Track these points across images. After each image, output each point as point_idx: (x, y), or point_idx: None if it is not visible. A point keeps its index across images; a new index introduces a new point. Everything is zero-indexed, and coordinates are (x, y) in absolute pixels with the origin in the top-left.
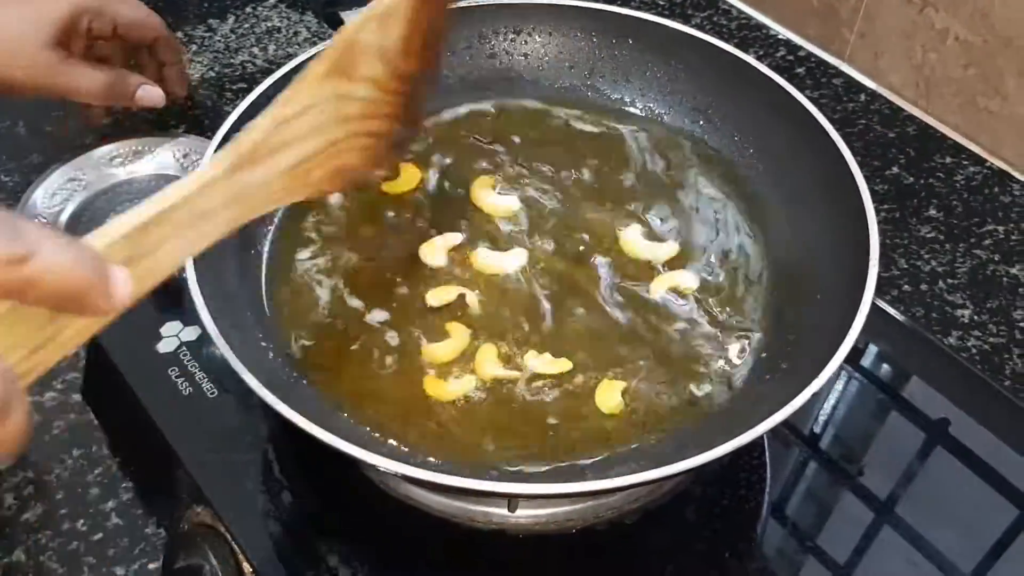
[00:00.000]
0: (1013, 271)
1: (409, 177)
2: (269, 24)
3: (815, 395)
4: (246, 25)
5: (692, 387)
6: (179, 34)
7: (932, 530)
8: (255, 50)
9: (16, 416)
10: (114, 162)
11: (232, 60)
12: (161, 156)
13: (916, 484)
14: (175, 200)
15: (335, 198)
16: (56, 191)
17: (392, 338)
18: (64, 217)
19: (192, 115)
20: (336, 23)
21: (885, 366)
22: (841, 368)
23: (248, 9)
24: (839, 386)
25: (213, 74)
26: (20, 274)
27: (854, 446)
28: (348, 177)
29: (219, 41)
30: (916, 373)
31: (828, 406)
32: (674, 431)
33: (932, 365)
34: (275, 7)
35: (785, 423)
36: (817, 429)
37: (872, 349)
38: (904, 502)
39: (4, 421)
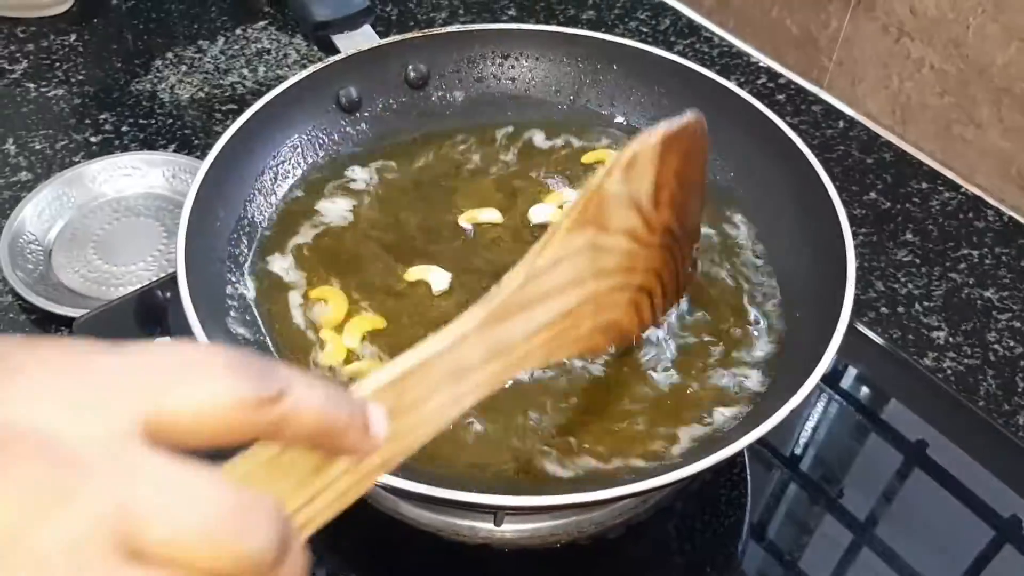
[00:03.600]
0: (987, 294)
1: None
2: (259, 46)
3: (796, 415)
4: (236, 47)
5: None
6: (169, 55)
7: (910, 550)
8: (245, 71)
9: (294, 563)
10: (103, 180)
11: (222, 81)
12: (150, 175)
13: (894, 505)
14: (431, 354)
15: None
16: (45, 208)
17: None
18: (52, 235)
19: (181, 135)
20: (326, 46)
21: (863, 387)
22: (820, 389)
23: (238, 31)
24: (819, 407)
25: (203, 95)
26: (275, 413)
27: (833, 467)
28: (618, 334)
29: (209, 62)
30: (894, 395)
31: (808, 426)
32: None
33: (909, 387)
34: (265, 29)
35: (765, 443)
36: (797, 449)
37: (851, 371)
38: (883, 523)
39: (281, 568)
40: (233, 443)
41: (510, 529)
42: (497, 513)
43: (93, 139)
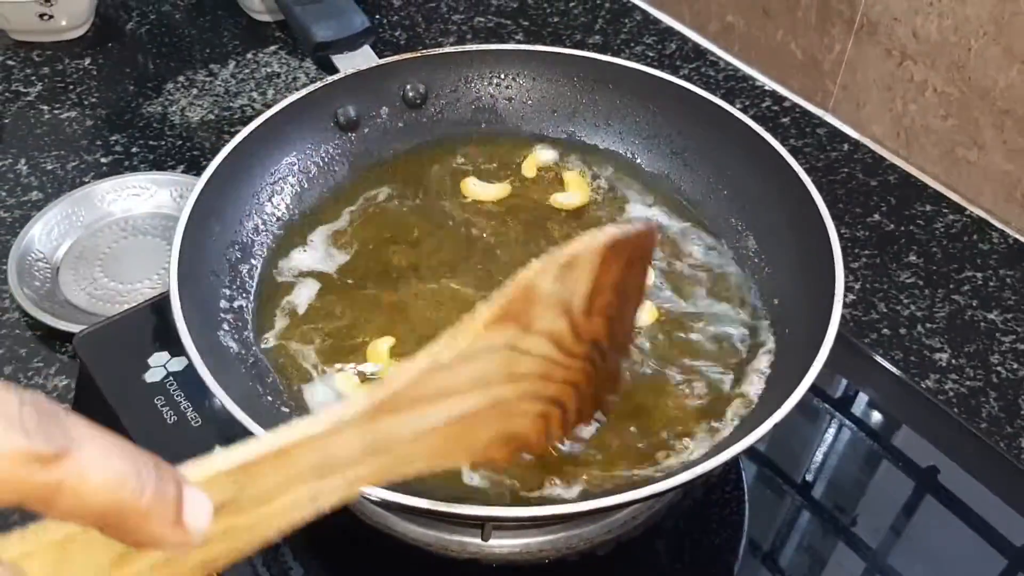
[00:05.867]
0: (990, 316)
1: None
2: (269, 70)
3: (801, 439)
4: (246, 70)
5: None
6: (181, 78)
7: None
8: (254, 94)
9: None
10: (111, 200)
11: (232, 104)
12: (159, 195)
13: (906, 533)
14: (295, 440)
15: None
16: (54, 227)
17: (374, 366)
18: (60, 253)
19: (190, 155)
20: (327, 66)
21: (872, 412)
22: (830, 414)
23: (249, 55)
24: (814, 425)
25: (212, 117)
26: (52, 476)
27: (840, 493)
28: (518, 448)
29: (219, 85)
30: (901, 418)
31: (800, 444)
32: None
33: (918, 411)
34: (275, 53)
35: (761, 460)
36: (793, 463)
37: (843, 384)
38: (892, 550)
39: None
40: None
41: (498, 544)
42: (484, 526)
43: (104, 160)
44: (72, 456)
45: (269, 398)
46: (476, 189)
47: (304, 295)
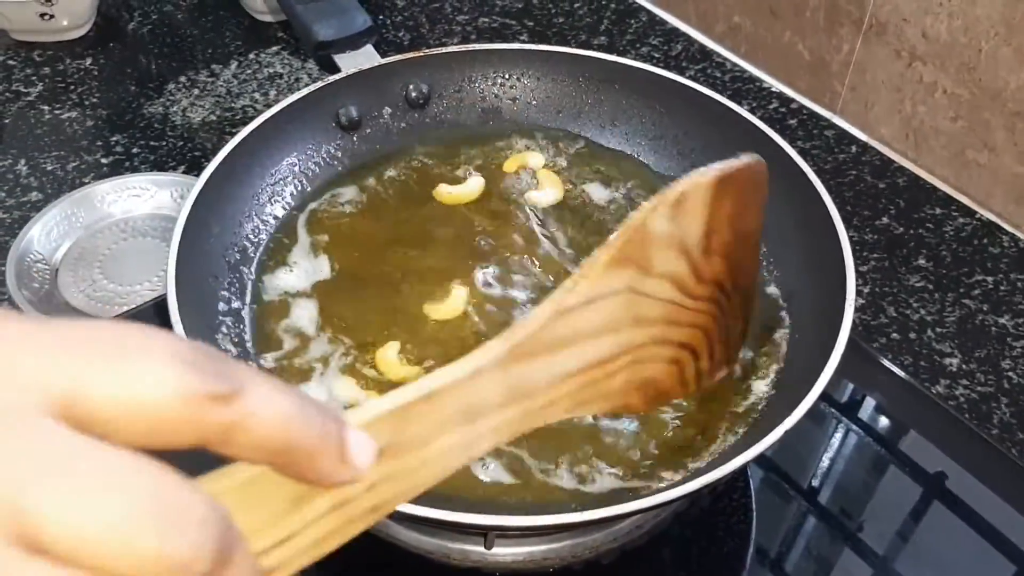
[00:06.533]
0: (1001, 321)
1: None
2: (271, 70)
3: (809, 444)
4: (248, 71)
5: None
6: (182, 78)
7: None
8: (256, 95)
9: None
10: (111, 201)
11: (233, 104)
12: (159, 196)
13: (913, 539)
14: (441, 385)
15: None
16: (53, 228)
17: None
18: (60, 254)
19: (191, 156)
20: (329, 66)
21: (880, 417)
22: (836, 419)
23: (251, 55)
24: (826, 432)
25: (214, 117)
26: (226, 416)
27: (847, 499)
28: (655, 395)
29: (221, 86)
30: (910, 424)
31: (810, 451)
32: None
33: (926, 416)
34: (278, 54)
35: (770, 468)
36: (803, 473)
37: (852, 390)
38: (901, 557)
39: None
40: (169, 445)
41: (502, 553)
42: (487, 535)
43: (104, 160)
44: (244, 396)
45: None
46: (448, 192)
47: (303, 308)
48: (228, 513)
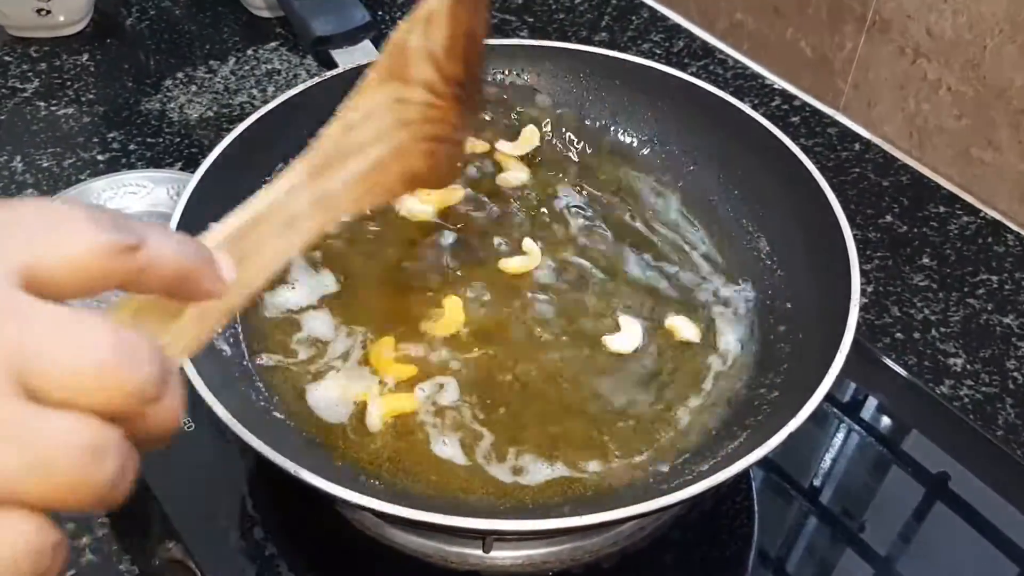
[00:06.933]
0: (1006, 320)
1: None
2: (269, 66)
3: (811, 444)
4: (247, 67)
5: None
6: (180, 74)
7: None
8: (254, 91)
9: (174, 394)
10: (107, 198)
11: (231, 101)
12: (155, 192)
13: (915, 539)
14: (265, 204)
15: None
16: None
17: (366, 376)
18: None
19: (188, 153)
20: (326, 61)
21: (882, 417)
22: (837, 418)
23: (250, 51)
24: (830, 432)
25: (211, 114)
26: (135, 262)
27: (850, 498)
28: (418, 181)
29: (219, 82)
30: (913, 424)
31: (815, 453)
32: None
33: (929, 417)
34: (276, 50)
35: (772, 470)
36: (806, 476)
37: (855, 392)
38: (902, 557)
39: (163, 399)
40: (102, 289)
41: (500, 556)
42: (485, 539)
43: (100, 157)
44: (147, 244)
45: (262, 403)
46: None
47: (315, 319)
48: (161, 346)
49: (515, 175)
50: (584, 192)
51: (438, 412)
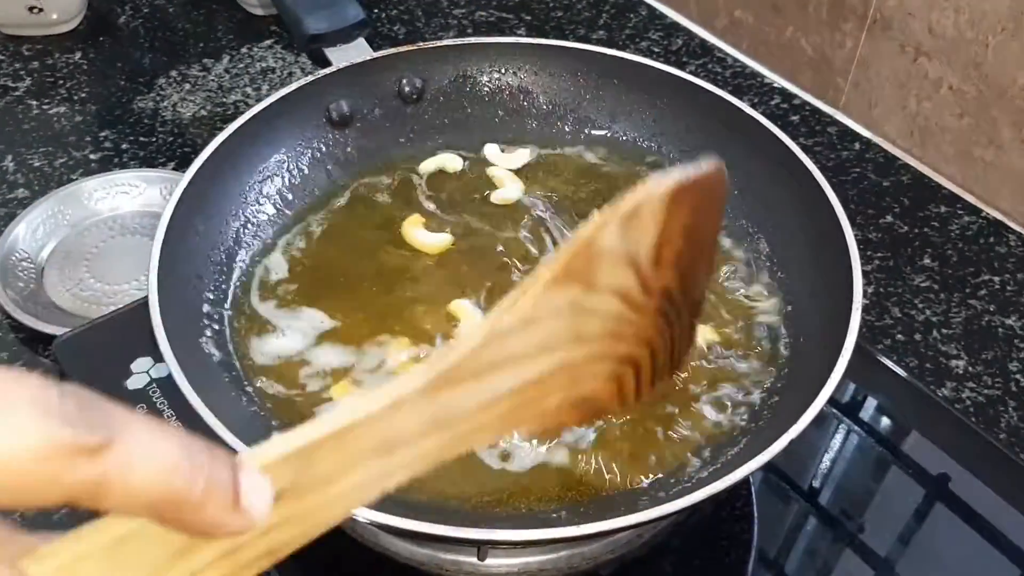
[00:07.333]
0: (1009, 322)
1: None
2: (263, 64)
3: (798, 444)
4: (240, 65)
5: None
6: (173, 73)
7: None
8: (248, 90)
9: None
10: (99, 198)
11: (225, 99)
12: (148, 193)
13: (915, 541)
14: (356, 419)
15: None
16: (39, 226)
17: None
18: (45, 253)
19: (181, 152)
20: (320, 59)
21: (883, 419)
22: (836, 419)
23: (243, 50)
24: (831, 435)
25: (205, 113)
26: (97, 469)
27: (850, 500)
28: (592, 411)
29: (213, 81)
30: (914, 426)
31: (818, 456)
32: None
33: (930, 418)
34: (270, 48)
35: (773, 473)
36: (808, 481)
37: (858, 395)
38: (902, 559)
39: None
40: (32, 505)
41: (496, 564)
42: (480, 547)
43: (93, 156)
44: (117, 444)
45: (254, 409)
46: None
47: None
48: None
49: (510, 191)
50: (575, 196)
51: None
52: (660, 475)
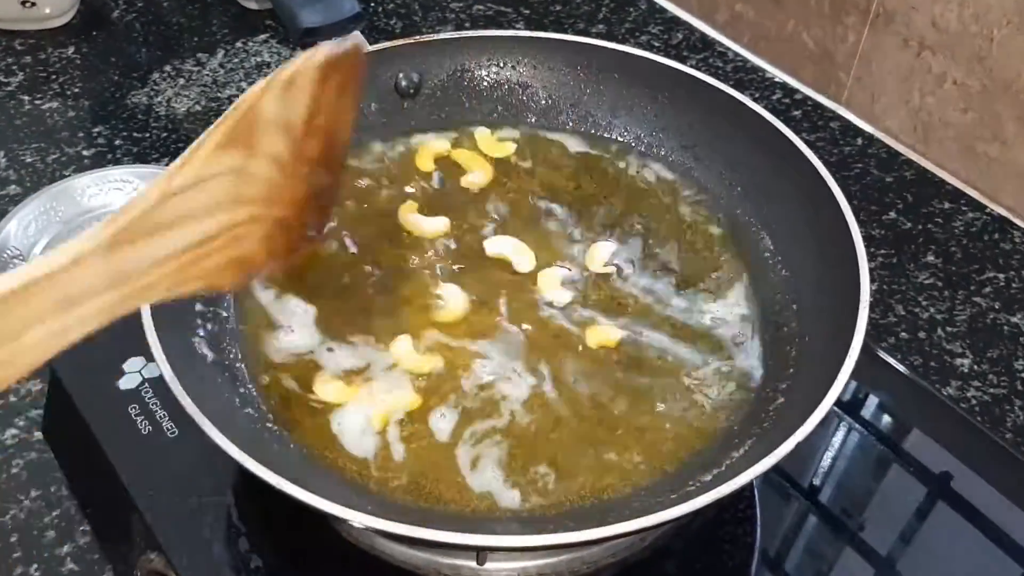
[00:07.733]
0: (1014, 319)
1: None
2: (259, 59)
3: (804, 446)
4: (235, 60)
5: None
6: (168, 67)
7: None
8: (243, 84)
9: None
10: (92, 194)
11: (219, 94)
12: (141, 189)
13: (917, 539)
14: (39, 275)
15: None
16: (31, 223)
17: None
18: (38, 250)
19: (176, 148)
20: None
21: (885, 417)
22: (838, 417)
23: (239, 44)
24: (836, 434)
25: (199, 108)
26: None
27: (852, 499)
28: (246, 270)
29: (207, 75)
30: (917, 425)
31: (823, 456)
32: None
33: (933, 417)
34: (265, 42)
35: (777, 474)
36: (812, 480)
37: (866, 396)
38: (904, 558)
39: None
40: None
41: (495, 568)
42: (479, 552)
43: (86, 152)
44: None
45: (248, 411)
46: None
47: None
48: None
49: (477, 176)
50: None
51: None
52: (664, 478)
